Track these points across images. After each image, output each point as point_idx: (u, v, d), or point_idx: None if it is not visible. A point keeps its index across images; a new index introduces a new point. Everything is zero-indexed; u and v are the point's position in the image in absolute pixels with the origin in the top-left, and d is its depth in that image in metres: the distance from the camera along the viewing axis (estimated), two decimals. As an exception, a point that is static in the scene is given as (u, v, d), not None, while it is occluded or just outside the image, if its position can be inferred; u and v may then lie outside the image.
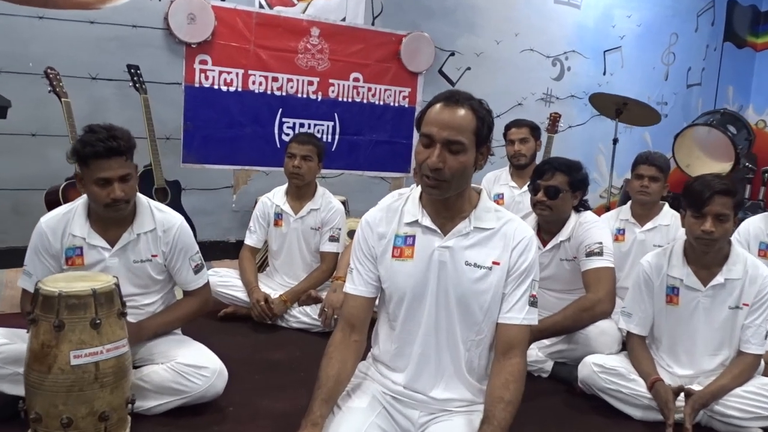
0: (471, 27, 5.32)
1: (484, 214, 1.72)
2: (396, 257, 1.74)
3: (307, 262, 3.39)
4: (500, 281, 1.70)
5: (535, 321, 1.75)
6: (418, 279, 1.71)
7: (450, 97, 1.62)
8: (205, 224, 4.50)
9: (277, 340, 3.06)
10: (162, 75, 4.23)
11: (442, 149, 1.58)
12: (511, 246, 1.71)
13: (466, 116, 1.60)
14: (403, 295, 1.74)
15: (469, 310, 1.71)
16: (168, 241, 2.29)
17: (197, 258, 2.39)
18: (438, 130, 1.58)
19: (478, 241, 1.70)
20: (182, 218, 2.36)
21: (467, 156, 1.60)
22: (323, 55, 4.76)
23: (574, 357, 2.64)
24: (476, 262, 1.69)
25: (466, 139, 1.58)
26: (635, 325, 2.45)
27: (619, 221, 3.35)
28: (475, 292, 1.69)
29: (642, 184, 3.19)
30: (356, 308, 1.80)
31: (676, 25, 6.40)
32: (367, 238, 1.79)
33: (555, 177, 2.69)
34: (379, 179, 5.21)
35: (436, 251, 1.70)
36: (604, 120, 6.02)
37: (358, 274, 1.80)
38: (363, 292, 1.79)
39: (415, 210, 1.74)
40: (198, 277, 2.39)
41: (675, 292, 2.39)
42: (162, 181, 3.80)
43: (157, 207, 2.33)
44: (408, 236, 1.74)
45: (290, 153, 3.24)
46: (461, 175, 1.61)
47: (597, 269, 2.64)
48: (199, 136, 4.44)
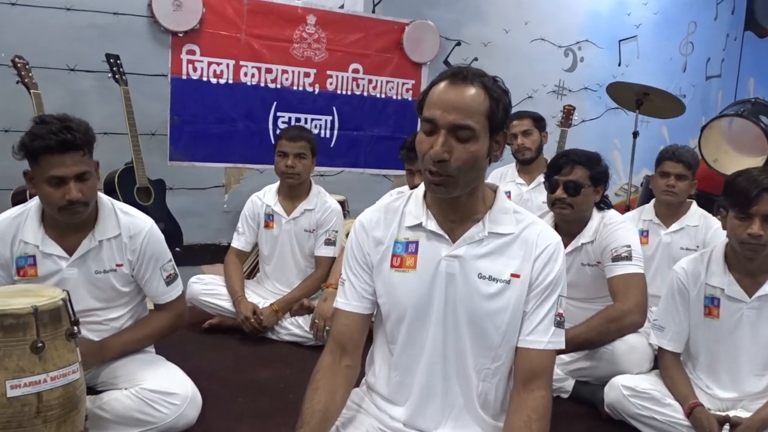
0: (478, 15, 5.04)
1: (501, 216, 1.45)
2: (395, 267, 1.47)
3: (301, 268, 3.10)
4: (520, 297, 1.42)
5: (562, 344, 1.46)
6: (421, 294, 1.45)
7: (457, 74, 1.35)
8: (195, 226, 4.23)
9: (265, 355, 2.78)
10: (146, 66, 3.96)
11: (447, 136, 1.31)
12: (534, 255, 1.43)
13: (477, 96, 1.32)
14: (404, 314, 1.46)
15: (483, 333, 1.43)
16: (135, 248, 2.03)
17: (170, 267, 2.12)
18: (442, 113, 1.31)
19: (493, 250, 1.43)
20: (152, 222, 2.08)
21: (478, 144, 1.33)
22: (320, 44, 4.48)
23: (598, 376, 2.37)
24: (491, 274, 1.42)
25: (476, 123, 1.31)
26: (668, 340, 2.16)
27: (642, 222, 3.08)
28: (490, 310, 1.42)
29: (668, 182, 2.90)
30: (348, 327, 1.51)
31: (694, 13, 6.11)
32: (362, 244, 1.52)
33: (574, 171, 2.42)
34: (381, 177, 4.94)
35: (443, 261, 1.43)
36: (619, 113, 5.77)
37: (350, 287, 1.53)
38: (356, 307, 1.51)
39: (418, 211, 1.48)
40: (170, 288, 2.12)
41: (715, 304, 2.11)
42: (144, 179, 3.53)
43: (122, 209, 2.06)
44: (410, 242, 1.47)
45: (281, 151, 2.96)
46: (471, 168, 1.34)
47: (626, 276, 2.36)
48: (187, 132, 4.16)
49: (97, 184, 1.94)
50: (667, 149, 2.97)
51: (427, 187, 1.42)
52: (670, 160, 2.90)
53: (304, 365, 2.50)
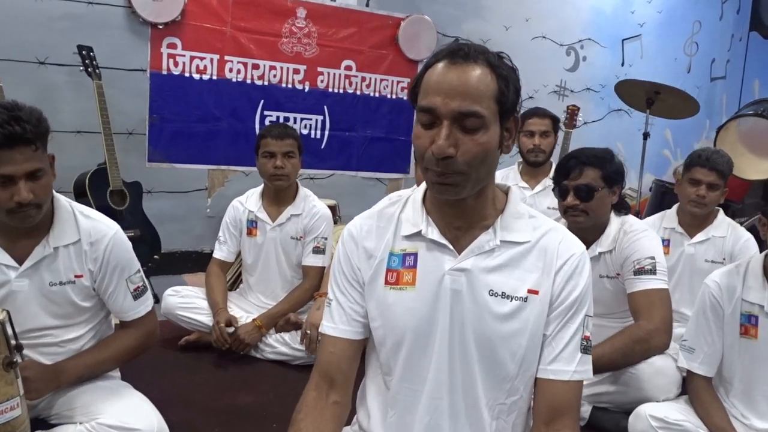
0: (477, 10, 4.81)
1: (515, 222, 1.22)
2: (390, 284, 1.24)
3: (287, 279, 2.85)
4: (539, 318, 1.19)
5: (590, 373, 1.22)
6: (421, 316, 1.21)
7: (456, 52, 1.12)
8: (175, 232, 3.95)
9: (247, 376, 2.52)
10: (123, 60, 3.68)
11: (451, 128, 1.09)
12: (555, 267, 1.20)
13: (483, 76, 1.10)
14: (401, 339, 1.22)
15: (496, 361, 1.19)
16: (97, 256, 1.76)
17: (138, 279, 1.85)
18: (443, 100, 1.09)
19: (507, 261, 1.20)
20: (117, 227, 1.82)
21: (488, 134, 1.11)
22: (311, 39, 4.21)
23: (620, 402, 2.14)
24: (505, 290, 1.19)
25: (485, 109, 1.09)
26: (699, 363, 1.92)
27: (663, 230, 2.83)
28: (505, 334, 1.18)
29: (698, 192, 2.63)
30: (336, 355, 1.27)
31: (699, 13, 5.93)
32: (351, 257, 1.28)
33: (585, 173, 2.19)
34: (375, 181, 4.67)
35: (447, 276, 1.20)
36: (622, 115, 5.56)
37: (338, 308, 1.29)
38: (345, 332, 1.27)
39: (416, 218, 1.25)
40: (139, 303, 1.85)
41: (752, 322, 1.87)
42: (119, 182, 3.25)
43: (83, 213, 1.79)
44: (407, 255, 1.24)
45: (267, 152, 2.70)
46: (482, 162, 1.12)
47: (649, 291, 2.14)
48: (168, 131, 3.87)
49: (52, 183, 1.68)
50: (700, 153, 2.67)
51: (430, 189, 1.19)
52: (703, 167, 2.62)
53: (290, 388, 2.27)
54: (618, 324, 2.27)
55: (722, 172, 2.61)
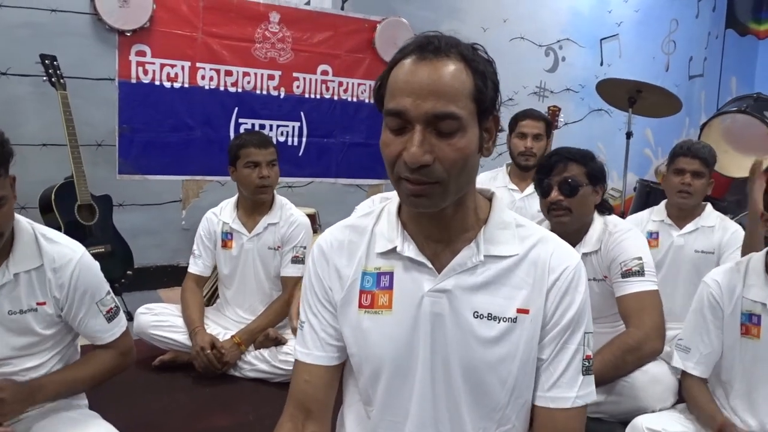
0: (454, 12, 4.74)
1: (500, 234, 1.10)
2: (365, 308, 1.12)
3: (266, 291, 2.74)
4: (531, 340, 1.08)
5: (593, 396, 1.12)
6: (400, 343, 1.10)
7: (425, 46, 0.99)
8: (149, 246, 3.82)
9: (225, 396, 2.40)
10: (90, 69, 3.55)
11: (425, 132, 0.97)
12: (547, 283, 1.08)
13: (457, 73, 0.98)
14: (379, 369, 1.11)
15: (484, 389, 1.08)
16: (63, 282, 1.65)
17: (109, 300, 1.75)
18: (414, 102, 0.96)
19: (492, 278, 1.08)
20: (83, 250, 1.70)
21: (467, 137, 0.99)
22: (285, 44, 4.11)
23: (615, 412, 2.04)
24: (491, 311, 1.07)
25: (461, 109, 0.97)
26: (695, 363, 1.84)
27: (652, 223, 2.80)
28: (492, 360, 1.07)
29: (683, 180, 2.62)
30: (311, 384, 1.16)
31: (675, 11, 5.93)
32: (322, 276, 1.16)
33: (569, 168, 2.12)
34: (355, 187, 4.57)
35: (427, 298, 1.08)
36: (602, 115, 5.53)
37: (310, 332, 1.17)
38: (319, 359, 1.16)
39: (391, 232, 1.12)
40: (113, 325, 1.75)
41: (754, 321, 1.79)
42: (87, 195, 3.11)
43: (45, 235, 1.67)
44: (382, 274, 1.12)
45: (251, 162, 2.58)
46: (461, 170, 1.00)
47: (638, 294, 2.06)
48: (138, 142, 3.74)
49: (13, 207, 1.56)
50: (682, 144, 2.68)
51: (403, 202, 1.06)
52: (686, 156, 2.61)
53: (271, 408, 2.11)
54: (608, 329, 2.19)
55: (705, 159, 2.61)
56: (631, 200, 4.72)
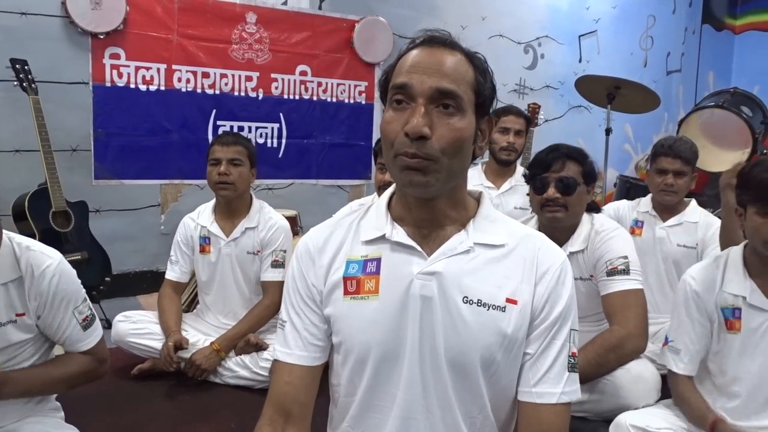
0: (432, 10, 4.71)
1: (489, 225, 1.12)
2: (350, 294, 1.10)
3: (246, 296, 2.70)
4: (518, 330, 1.07)
5: (578, 394, 1.11)
6: (388, 328, 1.08)
7: (433, 38, 1.06)
8: (128, 252, 3.76)
9: (206, 404, 2.36)
10: (63, 73, 3.48)
11: (428, 107, 1.01)
12: (535, 277, 1.09)
13: (461, 62, 1.04)
14: (365, 355, 1.09)
15: (469, 377, 1.07)
16: (41, 290, 1.60)
17: (86, 308, 1.70)
18: (420, 77, 1.01)
19: (482, 265, 1.08)
20: (59, 257, 1.65)
21: (465, 121, 1.03)
22: (262, 45, 4.06)
23: (599, 411, 2.05)
24: (481, 297, 1.06)
25: (462, 92, 1.02)
26: (686, 363, 1.84)
27: (637, 213, 2.83)
28: (479, 346, 1.05)
29: (665, 181, 2.64)
30: (292, 385, 1.13)
31: (652, 7, 5.96)
32: (306, 274, 1.15)
33: (567, 166, 2.11)
34: (336, 188, 4.53)
35: (416, 281, 1.07)
36: (582, 111, 5.54)
37: (292, 331, 1.15)
38: (302, 359, 1.14)
39: (380, 221, 1.13)
40: (89, 333, 1.71)
41: (736, 315, 1.80)
42: (61, 202, 3.05)
43: (21, 245, 1.62)
44: (369, 260, 1.11)
45: (213, 159, 2.56)
46: (457, 152, 1.03)
47: (623, 293, 2.06)
48: (114, 146, 3.67)
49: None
50: (663, 143, 2.69)
51: (397, 179, 1.05)
52: (667, 156, 2.63)
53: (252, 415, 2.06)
54: (593, 327, 2.19)
55: (687, 158, 2.62)
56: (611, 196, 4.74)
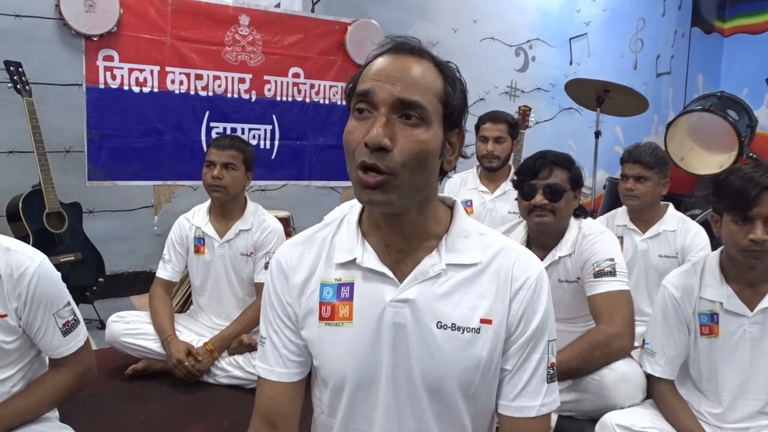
0: (424, 12, 4.75)
1: (462, 242, 1.09)
2: (325, 320, 1.10)
3: (240, 297, 2.72)
4: (494, 350, 1.07)
5: (557, 402, 1.12)
6: (362, 356, 1.08)
7: (401, 46, 1.02)
8: (121, 252, 3.79)
9: (200, 404, 2.38)
10: (57, 75, 3.50)
11: (389, 117, 0.97)
12: (510, 292, 1.08)
13: (428, 72, 1.00)
14: (342, 382, 1.10)
15: (447, 400, 1.08)
16: (20, 292, 1.58)
17: (67, 312, 1.67)
18: (382, 85, 0.98)
19: (455, 287, 1.07)
20: (42, 258, 1.63)
21: (429, 133, 0.99)
22: (255, 47, 4.08)
23: (585, 410, 2.08)
24: (455, 321, 1.06)
25: (428, 103, 0.98)
26: (663, 367, 1.88)
27: (616, 228, 2.83)
28: (455, 371, 1.06)
29: (626, 186, 2.70)
30: (275, 401, 1.15)
31: (642, 10, 6.01)
32: (280, 292, 1.14)
33: (554, 173, 2.14)
34: (328, 189, 4.56)
35: (389, 308, 1.07)
36: (572, 114, 5.59)
37: (272, 348, 1.16)
38: (282, 375, 1.15)
39: (351, 243, 1.11)
40: (69, 339, 1.67)
41: (714, 320, 1.83)
42: (55, 203, 3.07)
43: (2, 246, 1.60)
44: (342, 285, 1.10)
45: (208, 161, 2.59)
46: (419, 165, 0.99)
47: (609, 294, 2.09)
48: (108, 148, 3.69)
49: None
50: (626, 150, 2.76)
51: (358, 195, 1.01)
52: (627, 162, 2.72)
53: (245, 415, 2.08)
54: (579, 328, 2.22)
55: (646, 163, 2.66)
56: (601, 198, 4.79)
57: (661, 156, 2.74)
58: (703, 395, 1.87)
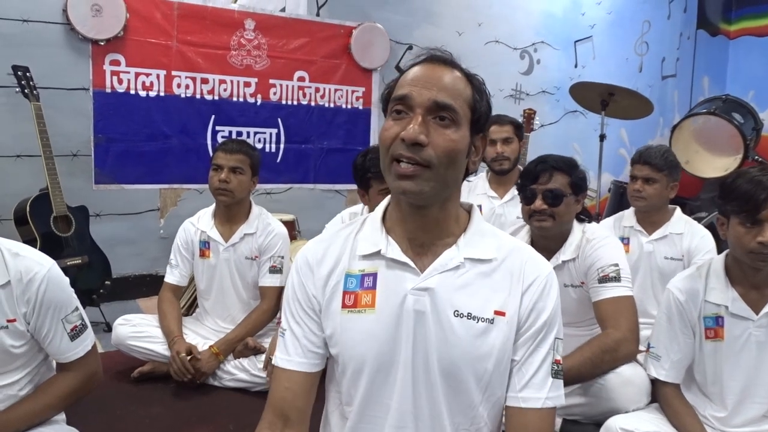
0: (429, 16, 4.76)
1: (478, 240, 1.17)
2: (348, 307, 1.16)
3: (245, 301, 2.74)
4: (506, 341, 1.13)
5: (562, 399, 1.16)
6: (383, 341, 1.13)
7: (435, 57, 1.13)
8: (128, 255, 3.80)
9: (205, 406, 2.39)
10: (64, 79, 3.52)
11: (425, 118, 1.08)
12: (521, 288, 1.15)
13: (460, 80, 1.12)
14: (362, 366, 1.14)
15: (461, 387, 1.12)
16: (29, 297, 1.59)
17: (75, 318, 1.69)
18: (419, 90, 1.08)
19: (472, 280, 1.14)
20: (51, 263, 1.65)
21: (459, 133, 1.09)
22: (261, 51, 4.10)
23: (590, 414, 2.08)
24: (471, 311, 1.12)
25: (459, 107, 1.09)
26: (667, 370, 1.88)
27: (623, 229, 2.85)
28: (470, 357, 1.12)
29: (634, 187, 2.71)
30: (291, 391, 1.18)
31: (647, 12, 6.00)
32: (306, 285, 1.20)
33: (554, 178, 2.15)
34: (333, 192, 4.57)
35: (410, 296, 1.13)
36: (577, 117, 5.59)
37: (292, 338, 1.20)
38: (300, 365, 1.18)
39: (376, 237, 1.18)
40: (77, 344, 1.69)
41: (719, 323, 1.84)
42: (63, 207, 3.09)
43: (11, 250, 1.62)
44: (366, 275, 1.17)
45: (215, 164, 2.61)
46: (451, 162, 1.08)
47: (615, 299, 2.09)
48: (115, 151, 3.72)
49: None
50: (638, 150, 2.77)
51: (393, 185, 1.10)
52: (637, 163, 2.72)
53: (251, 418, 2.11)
54: (584, 332, 2.23)
55: (656, 165, 2.67)
56: (606, 201, 4.79)
57: (672, 159, 2.75)
58: (708, 399, 1.87)
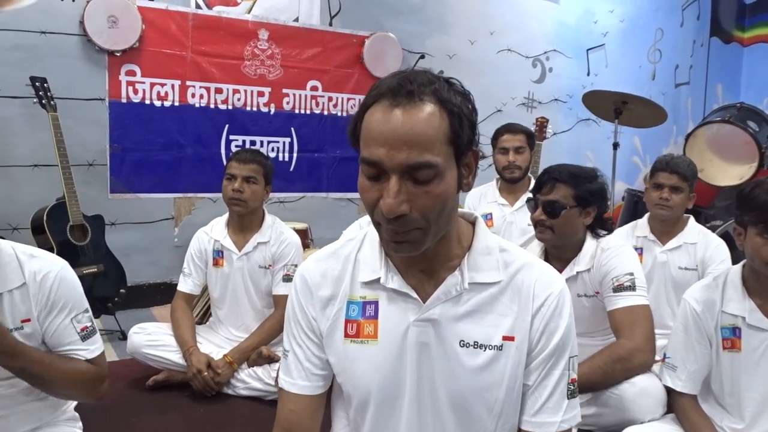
0: (441, 25, 4.77)
1: (484, 260, 1.10)
2: (350, 337, 1.12)
3: (258, 309, 2.74)
4: (517, 367, 1.08)
5: (578, 418, 1.13)
6: (387, 373, 1.10)
7: (398, 90, 0.95)
8: (142, 264, 3.83)
9: (219, 415, 2.40)
10: (80, 90, 3.57)
11: (401, 181, 0.95)
12: (532, 310, 1.08)
13: (431, 118, 0.95)
14: (367, 398, 1.11)
15: (472, 417, 1.08)
16: (43, 294, 1.59)
17: (86, 319, 1.67)
18: (388, 152, 0.94)
19: (477, 306, 1.08)
20: (63, 263, 1.65)
21: (444, 182, 0.97)
22: (274, 61, 4.13)
23: (604, 424, 2.07)
24: (477, 340, 1.07)
25: (437, 156, 0.95)
26: (684, 381, 1.86)
27: (636, 239, 2.81)
28: (479, 387, 1.07)
29: (661, 195, 2.66)
30: (296, 413, 1.16)
31: (660, 20, 5.98)
32: (305, 307, 1.15)
33: (556, 190, 2.14)
34: (346, 201, 4.59)
35: (413, 328, 1.08)
36: (590, 125, 5.57)
37: (295, 362, 1.16)
38: (305, 389, 1.16)
39: (374, 262, 1.12)
40: (88, 344, 1.66)
41: (736, 335, 1.81)
42: (79, 216, 3.12)
43: (25, 252, 1.63)
44: (367, 303, 1.12)
45: (229, 174, 2.62)
46: (441, 213, 0.99)
47: (630, 308, 2.08)
48: (130, 161, 3.75)
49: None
50: (661, 159, 2.72)
51: (384, 247, 1.07)
52: (664, 171, 2.66)
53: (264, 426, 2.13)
54: (599, 342, 2.21)
55: (684, 174, 2.64)
56: (619, 209, 4.76)
57: (694, 169, 2.74)
58: (725, 410, 1.85)
